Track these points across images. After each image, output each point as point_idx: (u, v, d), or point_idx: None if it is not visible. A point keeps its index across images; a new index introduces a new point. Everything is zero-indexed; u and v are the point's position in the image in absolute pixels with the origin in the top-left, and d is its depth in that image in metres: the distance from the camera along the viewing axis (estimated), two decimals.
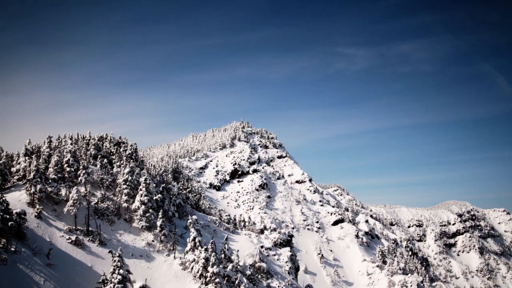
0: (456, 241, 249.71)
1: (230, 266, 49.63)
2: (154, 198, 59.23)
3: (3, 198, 42.15)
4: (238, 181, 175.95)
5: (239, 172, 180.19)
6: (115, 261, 39.13)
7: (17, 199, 51.32)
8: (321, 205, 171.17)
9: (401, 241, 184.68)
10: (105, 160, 66.50)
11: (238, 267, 51.96)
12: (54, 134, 75.19)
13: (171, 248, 54.94)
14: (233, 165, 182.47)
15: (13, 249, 40.21)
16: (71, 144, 69.16)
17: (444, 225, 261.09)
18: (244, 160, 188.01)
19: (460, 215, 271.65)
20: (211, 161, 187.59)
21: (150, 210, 56.49)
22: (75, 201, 50.40)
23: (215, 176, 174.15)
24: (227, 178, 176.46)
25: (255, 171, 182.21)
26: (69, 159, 59.85)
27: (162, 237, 55.45)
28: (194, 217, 55.09)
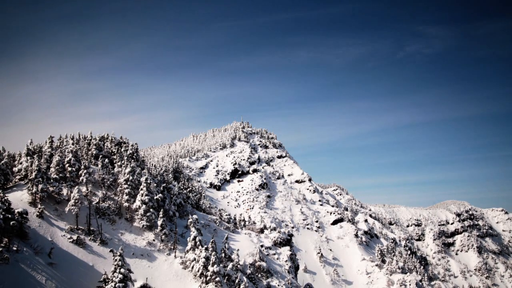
0: (455, 240, 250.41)
1: (230, 265, 50.05)
2: (155, 197, 59.60)
3: (5, 198, 42.39)
4: (238, 181, 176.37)
5: (239, 172, 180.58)
6: (116, 260, 39.48)
7: (19, 198, 51.63)
8: (321, 205, 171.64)
9: (400, 240, 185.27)
10: (106, 160, 66.80)
11: (238, 266, 52.35)
12: (60, 131, 75.77)
13: (172, 247, 55.31)
14: (233, 165, 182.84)
15: (15, 248, 40.49)
16: (73, 144, 69.63)
17: (443, 225, 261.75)
18: (244, 160, 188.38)
19: (458, 215, 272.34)
20: (211, 161, 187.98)
21: (151, 210, 56.85)
22: (76, 201, 50.74)
23: (216, 176, 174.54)
24: (227, 178, 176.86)
25: (255, 171, 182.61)
26: (70, 159, 60.19)
27: (163, 236, 55.82)
28: (195, 216, 55.41)
